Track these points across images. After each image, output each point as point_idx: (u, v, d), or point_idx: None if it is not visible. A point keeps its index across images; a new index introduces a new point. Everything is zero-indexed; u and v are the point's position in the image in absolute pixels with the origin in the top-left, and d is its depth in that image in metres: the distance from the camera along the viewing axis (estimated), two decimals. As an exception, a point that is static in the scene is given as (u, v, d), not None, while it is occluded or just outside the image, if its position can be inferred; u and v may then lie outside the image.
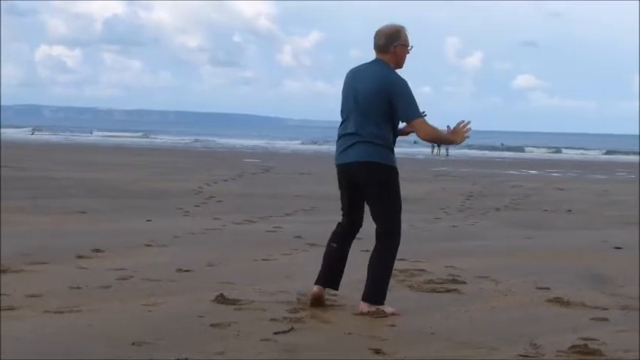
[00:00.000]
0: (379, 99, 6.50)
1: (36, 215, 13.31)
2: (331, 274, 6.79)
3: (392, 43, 6.63)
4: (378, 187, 6.59)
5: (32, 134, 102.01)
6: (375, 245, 6.70)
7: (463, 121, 6.80)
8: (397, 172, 6.67)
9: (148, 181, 23.10)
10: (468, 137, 6.77)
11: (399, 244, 6.73)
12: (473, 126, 6.81)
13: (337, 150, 6.73)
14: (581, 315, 6.78)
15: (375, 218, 6.70)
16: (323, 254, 6.91)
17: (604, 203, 20.17)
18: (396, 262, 9.10)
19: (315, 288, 6.76)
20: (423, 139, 6.79)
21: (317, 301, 6.71)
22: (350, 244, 6.90)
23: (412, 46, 6.74)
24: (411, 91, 6.57)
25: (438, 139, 6.83)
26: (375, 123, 6.52)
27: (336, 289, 6.84)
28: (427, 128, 6.59)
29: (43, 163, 30.16)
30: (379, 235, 6.69)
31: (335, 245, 6.83)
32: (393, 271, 8.39)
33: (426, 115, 6.65)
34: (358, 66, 6.78)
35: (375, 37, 6.72)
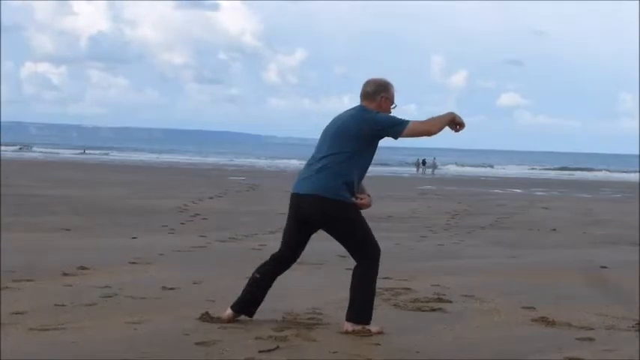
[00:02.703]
0: (356, 137, 6.50)
1: (20, 232, 13.26)
2: (251, 302, 6.81)
3: (380, 93, 6.69)
4: (340, 224, 6.58)
5: (20, 149, 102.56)
6: (356, 265, 6.67)
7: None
8: (351, 205, 6.59)
9: (133, 198, 23.08)
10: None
11: (379, 259, 6.66)
12: (457, 145, 6.78)
13: (299, 179, 6.73)
14: (566, 334, 6.78)
15: (347, 250, 6.71)
16: (249, 281, 6.87)
17: (589, 222, 20.23)
18: (381, 280, 9.12)
19: (230, 312, 6.78)
20: (436, 134, 6.59)
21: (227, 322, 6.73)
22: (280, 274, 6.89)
23: (396, 105, 6.79)
24: (384, 114, 6.60)
25: (442, 123, 6.58)
26: (341, 160, 6.51)
27: (251, 316, 6.81)
28: (423, 126, 6.56)
29: (27, 180, 30.08)
30: (354, 258, 6.69)
31: (258, 276, 6.83)
32: (379, 290, 8.41)
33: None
34: (342, 112, 6.79)
35: (363, 85, 6.77)
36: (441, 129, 6.61)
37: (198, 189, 28.56)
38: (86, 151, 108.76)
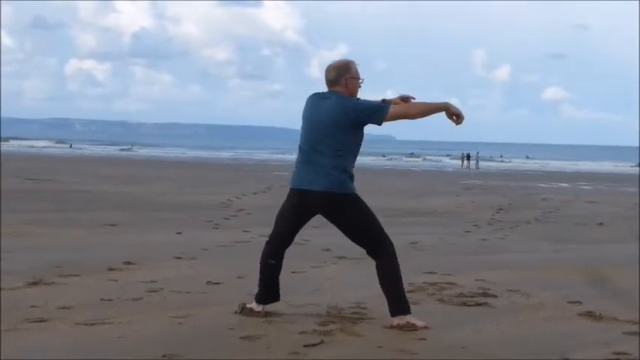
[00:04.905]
0: (346, 129, 6.54)
1: (66, 228, 13.37)
2: (274, 289, 6.89)
3: (342, 76, 6.68)
4: (352, 216, 6.63)
5: (70, 147, 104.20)
6: (375, 263, 6.68)
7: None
8: (359, 198, 6.67)
9: (177, 193, 23.21)
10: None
11: (394, 250, 6.68)
12: (503, 139, 6.76)
13: (300, 175, 6.70)
14: (613, 329, 6.71)
15: (359, 243, 6.75)
16: (261, 273, 6.90)
17: (635, 216, 20.00)
18: (425, 275, 9.12)
19: (262, 309, 6.83)
20: (415, 118, 6.61)
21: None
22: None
23: (363, 79, 6.80)
24: (365, 100, 6.64)
25: (426, 108, 6.63)
26: (338, 153, 6.55)
27: (278, 299, 6.92)
28: (402, 108, 6.60)
29: (71, 177, 30.37)
30: (371, 252, 6.70)
31: (274, 262, 6.88)
32: (423, 284, 8.42)
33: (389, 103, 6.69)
34: (317, 95, 6.76)
35: (325, 72, 6.76)
36: (421, 114, 6.62)
37: (241, 184, 28.69)
38: (133, 148, 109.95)
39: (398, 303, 6.58)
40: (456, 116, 6.61)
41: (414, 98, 6.81)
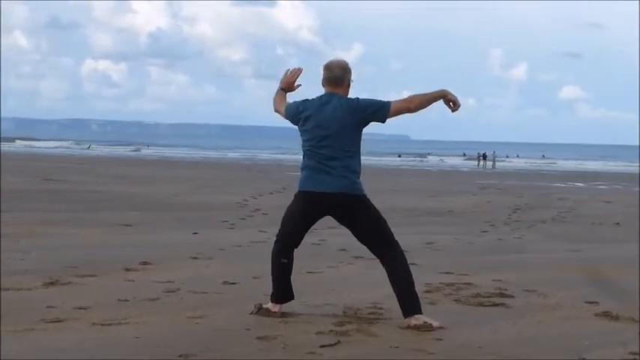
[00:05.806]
0: (352, 130, 6.60)
1: (82, 228, 13.42)
2: (288, 288, 6.89)
3: (346, 77, 6.74)
4: (363, 217, 6.64)
5: (88, 148, 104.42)
6: (386, 260, 6.67)
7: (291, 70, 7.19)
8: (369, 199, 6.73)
9: (192, 194, 23.26)
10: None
11: (401, 249, 6.71)
12: (519, 138, 6.75)
13: (311, 178, 6.68)
14: (630, 329, 6.68)
15: (368, 244, 6.75)
16: (273, 273, 6.87)
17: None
18: (442, 275, 9.11)
19: (279, 309, 6.84)
20: (416, 110, 6.64)
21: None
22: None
23: (353, 80, 6.85)
24: (365, 99, 6.65)
25: (425, 100, 6.65)
26: (348, 154, 6.59)
27: (293, 298, 6.93)
28: (404, 104, 6.62)
29: (86, 177, 30.47)
30: (381, 252, 6.70)
31: (286, 260, 6.87)
32: (440, 285, 8.41)
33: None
34: (314, 100, 6.75)
35: (328, 69, 6.75)
36: (422, 105, 6.65)
37: (257, 184, 28.69)
38: (141, 149, 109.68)
39: (410, 303, 6.56)
40: (452, 103, 6.64)
41: (300, 70, 7.06)
